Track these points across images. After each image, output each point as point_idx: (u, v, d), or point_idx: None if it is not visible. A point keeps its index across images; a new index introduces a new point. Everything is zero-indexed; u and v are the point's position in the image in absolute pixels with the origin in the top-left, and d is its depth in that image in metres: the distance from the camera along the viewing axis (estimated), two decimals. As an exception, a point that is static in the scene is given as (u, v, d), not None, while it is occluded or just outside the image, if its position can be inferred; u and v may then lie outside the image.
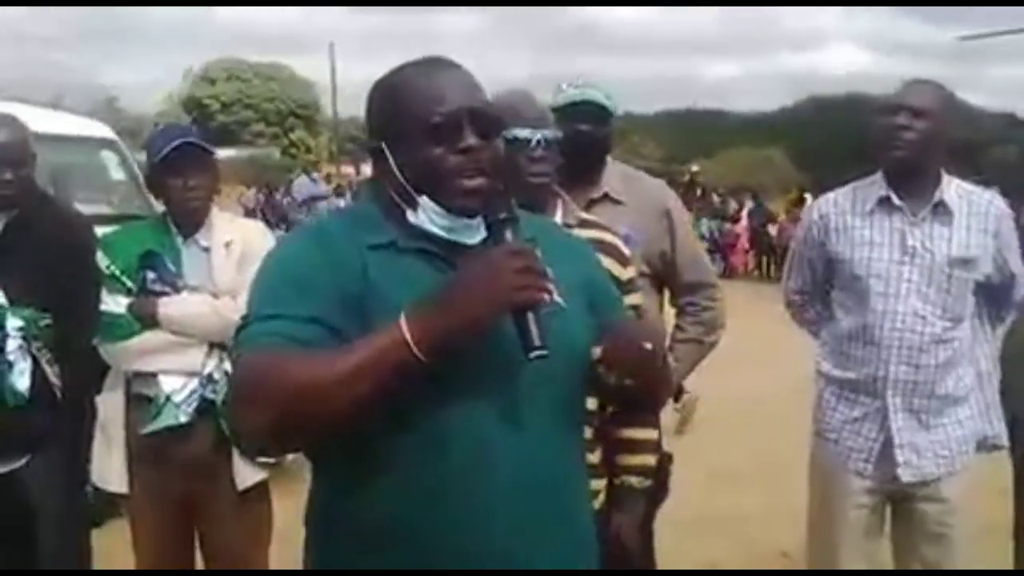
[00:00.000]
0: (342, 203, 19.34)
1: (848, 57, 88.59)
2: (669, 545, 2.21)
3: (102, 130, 6.66)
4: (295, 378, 1.53)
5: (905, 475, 3.03)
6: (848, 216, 3.10)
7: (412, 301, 1.56)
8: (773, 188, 29.65)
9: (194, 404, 2.92)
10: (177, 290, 2.97)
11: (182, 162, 2.95)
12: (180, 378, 2.93)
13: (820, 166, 30.83)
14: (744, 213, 21.94)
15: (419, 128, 1.66)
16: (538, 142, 2.47)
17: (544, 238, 1.78)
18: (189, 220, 3.04)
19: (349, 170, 39.79)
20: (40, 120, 6.47)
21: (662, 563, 3.04)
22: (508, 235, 1.64)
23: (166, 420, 2.93)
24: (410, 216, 1.70)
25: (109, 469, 3.02)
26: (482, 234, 1.68)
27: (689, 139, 46.71)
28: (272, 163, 45.11)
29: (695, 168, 26.42)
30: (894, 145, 2.94)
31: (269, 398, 1.53)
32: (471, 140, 1.67)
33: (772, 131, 46.03)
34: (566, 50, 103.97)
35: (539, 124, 2.50)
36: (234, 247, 3.02)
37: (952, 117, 3.01)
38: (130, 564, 3.15)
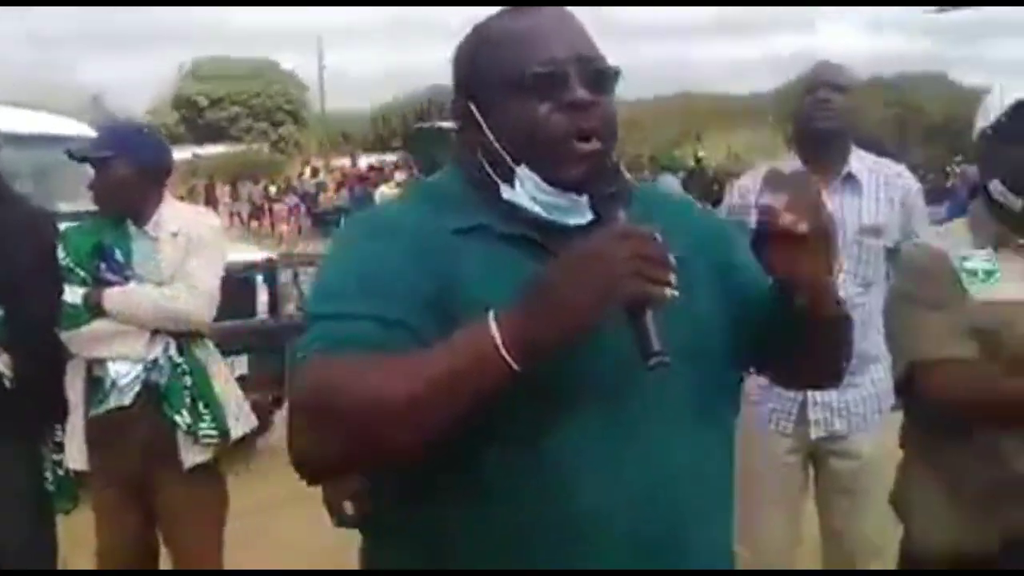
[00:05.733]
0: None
1: (843, 37, 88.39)
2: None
3: (83, 129, 6.77)
4: (362, 392, 1.25)
5: (815, 432, 3.20)
6: None
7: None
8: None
9: (136, 388, 3.10)
10: (127, 280, 3.16)
11: (101, 161, 3.18)
12: (126, 364, 3.12)
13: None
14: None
15: (516, 80, 1.37)
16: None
17: (661, 215, 1.41)
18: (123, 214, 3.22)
19: (342, 162, 39.85)
20: (17, 121, 6.67)
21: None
22: (621, 214, 1.32)
23: (110, 403, 3.12)
24: (504, 192, 1.40)
25: (72, 448, 3.20)
26: (589, 215, 1.36)
27: (683, 124, 46.60)
28: (262, 158, 45.24)
29: (701, 154, 25.64)
30: (821, 116, 3.14)
31: (331, 415, 1.27)
32: (580, 93, 1.36)
33: (767, 113, 45.90)
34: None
35: None
36: (180, 236, 3.21)
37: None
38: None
